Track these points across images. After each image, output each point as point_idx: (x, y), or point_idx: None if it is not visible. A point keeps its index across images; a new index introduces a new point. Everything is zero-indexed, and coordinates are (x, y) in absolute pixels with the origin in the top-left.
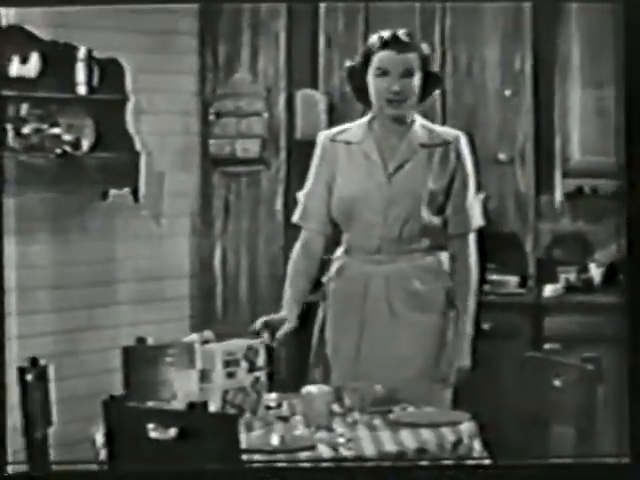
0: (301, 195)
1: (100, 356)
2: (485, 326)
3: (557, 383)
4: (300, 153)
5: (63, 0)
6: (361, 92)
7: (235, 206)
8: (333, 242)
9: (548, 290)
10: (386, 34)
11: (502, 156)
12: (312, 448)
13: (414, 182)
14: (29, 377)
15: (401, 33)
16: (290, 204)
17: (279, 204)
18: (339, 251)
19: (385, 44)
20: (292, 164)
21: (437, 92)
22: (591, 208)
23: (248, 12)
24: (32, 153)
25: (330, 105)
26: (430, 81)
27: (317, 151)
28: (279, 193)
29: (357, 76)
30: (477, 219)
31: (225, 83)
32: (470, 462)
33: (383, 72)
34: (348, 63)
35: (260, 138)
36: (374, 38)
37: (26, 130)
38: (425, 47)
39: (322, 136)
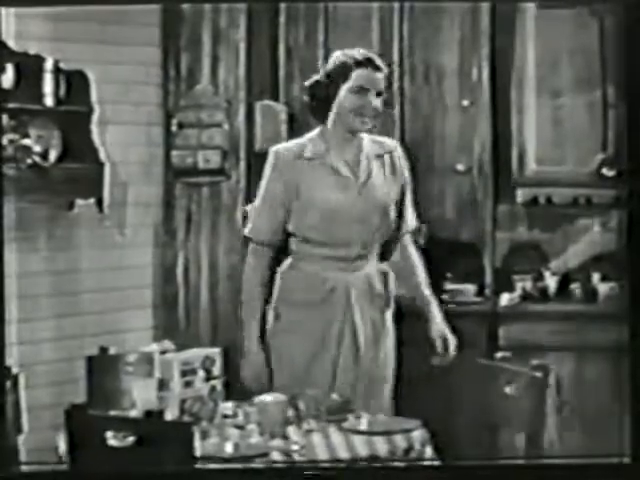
0: (254, 208)
1: (66, 365)
2: None
3: (508, 390)
4: (260, 164)
5: (63, 0)
6: (324, 106)
7: (197, 217)
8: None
9: (504, 299)
10: (362, 53)
11: (460, 166)
12: (266, 455)
13: (381, 192)
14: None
15: (374, 54)
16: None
17: (239, 215)
18: (294, 261)
19: (364, 63)
20: (252, 175)
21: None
22: (546, 217)
23: (208, 22)
24: (7, 164)
25: (290, 116)
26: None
27: (274, 166)
28: (239, 204)
29: (327, 90)
30: (414, 220)
31: (187, 94)
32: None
33: (361, 89)
34: (317, 76)
35: (221, 149)
36: (350, 55)
37: (4, 141)
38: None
39: (280, 152)
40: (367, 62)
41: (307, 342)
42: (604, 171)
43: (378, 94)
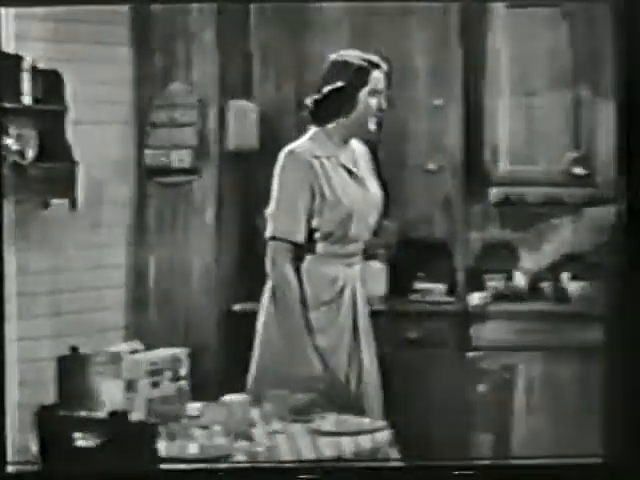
0: (279, 209)
1: (37, 365)
2: (413, 334)
3: (480, 389)
4: (232, 163)
5: (63, 0)
6: (335, 110)
7: (169, 216)
8: None
9: (475, 298)
10: (368, 56)
11: (432, 165)
12: (230, 457)
13: (375, 189)
14: None
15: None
16: (223, 215)
17: (211, 215)
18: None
19: (376, 65)
20: (224, 175)
21: None
22: (518, 216)
23: (180, 22)
24: None
25: (262, 115)
26: None
27: (294, 166)
28: (211, 204)
29: (347, 95)
30: None
31: (160, 94)
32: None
33: (375, 91)
34: (340, 83)
35: (193, 149)
36: (361, 58)
37: None
38: None
39: (297, 152)
40: (377, 64)
41: (324, 339)
42: (575, 170)
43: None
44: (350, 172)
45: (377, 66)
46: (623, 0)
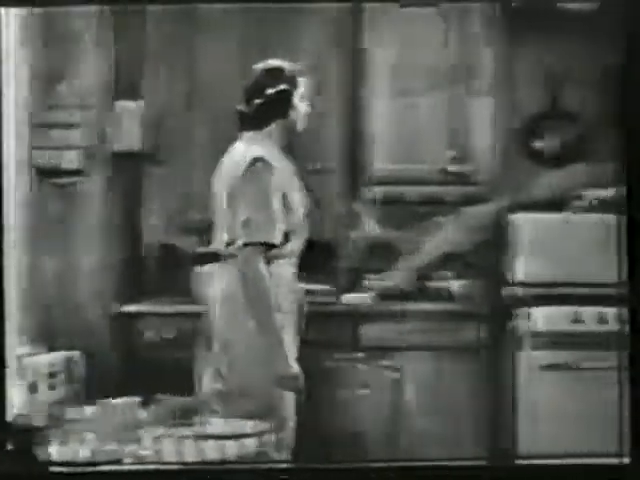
0: (258, 215)
1: None
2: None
3: (363, 391)
4: (120, 164)
5: (63, 0)
6: (271, 115)
7: (61, 218)
8: None
9: (358, 298)
10: (298, 64)
11: (314, 165)
12: (119, 461)
13: None
14: None
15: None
16: (112, 216)
17: (99, 216)
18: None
19: (304, 71)
20: (112, 176)
21: None
22: (399, 215)
23: (73, 22)
24: None
25: (148, 116)
26: None
27: (265, 172)
28: (99, 205)
29: (282, 101)
30: None
31: (51, 94)
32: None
33: (303, 96)
34: (277, 88)
35: (82, 150)
36: (291, 65)
37: None
38: None
39: (264, 158)
40: (303, 71)
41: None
42: (453, 168)
43: None
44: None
45: (303, 73)
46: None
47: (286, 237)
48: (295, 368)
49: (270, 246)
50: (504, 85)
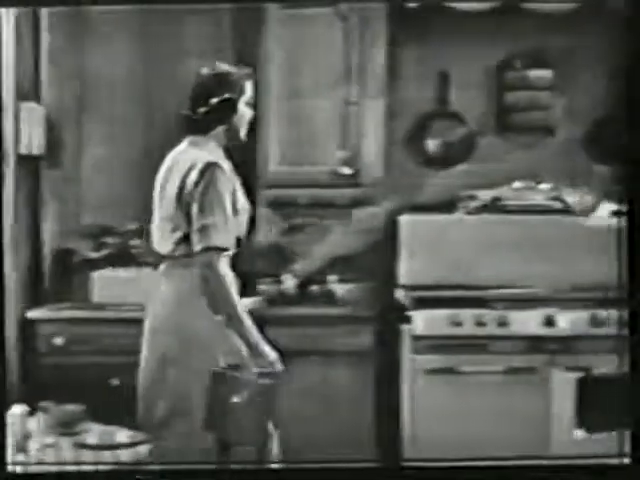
0: (219, 219)
1: None
2: None
3: (236, 400)
4: (25, 167)
5: (63, 0)
6: (217, 120)
7: None
8: None
9: (248, 303)
10: (245, 68)
11: None
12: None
13: None
14: None
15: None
16: (19, 218)
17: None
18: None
19: (250, 76)
20: (19, 177)
21: None
22: (289, 219)
23: None
24: None
25: (48, 119)
26: None
27: (222, 177)
28: (7, 209)
29: (228, 105)
30: None
31: None
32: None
33: (248, 102)
34: (228, 95)
35: None
36: (237, 70)
37: None
38: None
39: (219, 164)
40: (249, 75)
41: None
42: (343, 170)
43: None
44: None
45: (249, 76)
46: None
47: (238, 240)
48: (272, 354)
49: (224, 250)
50: (395, 86)
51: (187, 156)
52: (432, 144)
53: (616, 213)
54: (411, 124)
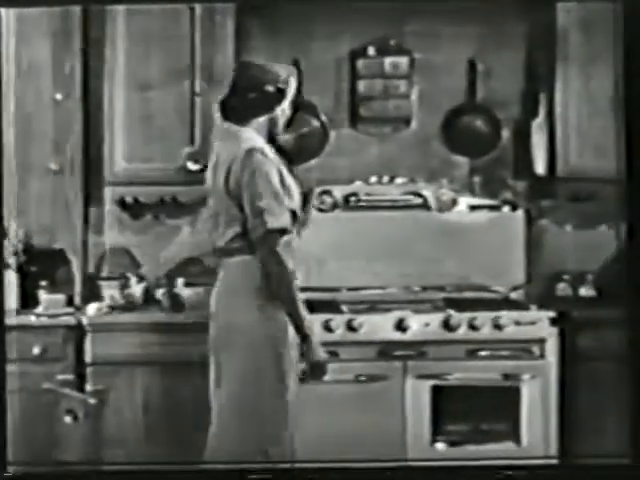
0: (272, 202)
1: None
2: (36, 350)
3: (68, 419)
4: None
5: (63, 0)
6: (259, 112)
7: None
8: None
9: (92, 309)
10: (286, 66)
11: (53, 165)
12: None
13: None
14: None
15: None
16: None
17: None
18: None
19: (294, 75)
20: None
21: None
22: (136, 218)
23: None
24: None
25: None
26: None
27: (268, 162)
28: None
29: (275, 99)
30: None
31: None
32: None
33: (290, 98)
34: (277, 86)
35: None
36: (286, 69)
37: None
38: None
39: (264, 149)
40: (293, 72)
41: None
42: (189, 165)
43: None
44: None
45: (293, 73)
46: None
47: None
48: (323, 354)
49: (282, 231)
50: None
51: (229, 146)
52: (283, 138)
53: (475, 207)
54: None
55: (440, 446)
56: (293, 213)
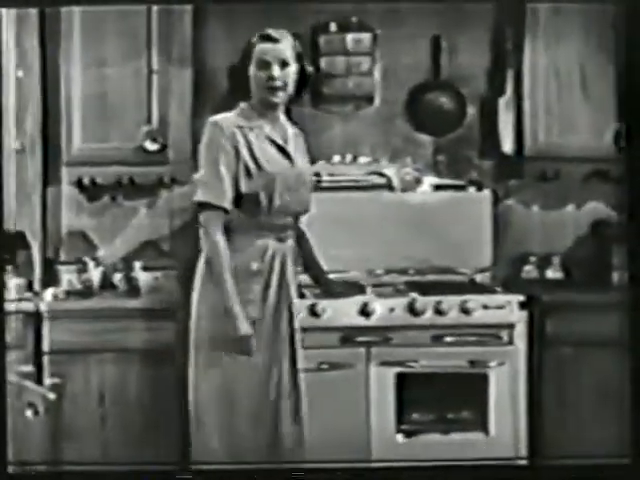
0: (206, 175)
1: None
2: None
3: (29, 414)
4: None
5: (63, 0)
6: (243, 85)
7: None
8: None
9: (49, 294)
10: (263, 31)
11: (16, 144)
12: None
13: (305, 165)
14: None
15: (272, 30)
16: None
17: None
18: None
19: (262, 38)
20: None
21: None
22: (93, 200)
23: None
24: None
25: None
26: (306, 77)
27: (219, 134)
28: None
29: (239, 72)
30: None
31: None
32: None
33: (264, 63)
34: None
35: None
36: (254, 35)
37: None
38: (296, 43)
39: (221, 122)
40: (265, 37)
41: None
42: (147, 145)
43: (284, 65)
44: (276, 144)
45: (263, 40)
46: None
47: (252, 204)
48: (245, 329)
49: (214, 207)
50: (202, 56)
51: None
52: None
53: (440, 187)
54: (219, 95)
55: (401, 437)
56: (255, 196)
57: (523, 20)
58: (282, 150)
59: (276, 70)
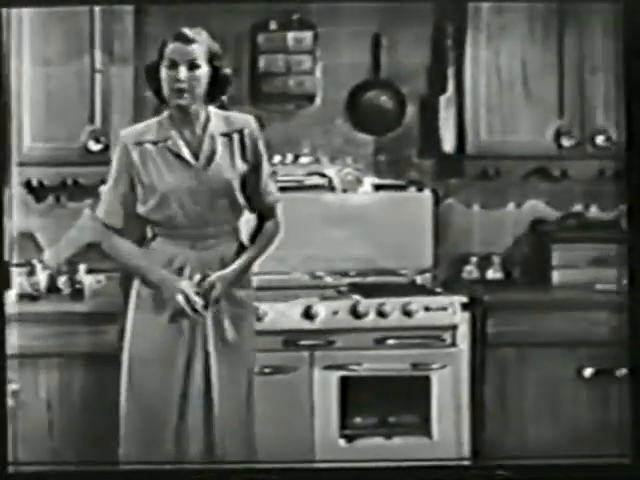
0: (106, 191)
1: None
2: None
3: None
4: None
5: (63, 0)
6: (154, 87)
7: None
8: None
9: (9, 296)
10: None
11: None
12: None
13: (227, 172)
14: None
15: (188, 29)
16: None
17: None
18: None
19: (174, 37)
20: None
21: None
22: (38, 201)
23: None
24: None
25: None
26: (220, 80)
27: (119, 150)
28: None
29: (152, 73)
30: (275, 194)
31: None
32: None
33: (172, 63)
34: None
35: None
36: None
37: None
38: (213, 44)
39: (123, 137)
40: (178, 36)
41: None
42: (90, 145)
43: (193, 66)
44: (178, 156)
45: (174, 39)
46: None
47: (154, 222)
48: (182, 283)
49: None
50: (144, 53)
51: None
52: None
53: (380, 187)
54: None
55: (344, 441)
56: (145, 219)
57: (464, 17)
58: (184, 160)
59: (182, 71)
